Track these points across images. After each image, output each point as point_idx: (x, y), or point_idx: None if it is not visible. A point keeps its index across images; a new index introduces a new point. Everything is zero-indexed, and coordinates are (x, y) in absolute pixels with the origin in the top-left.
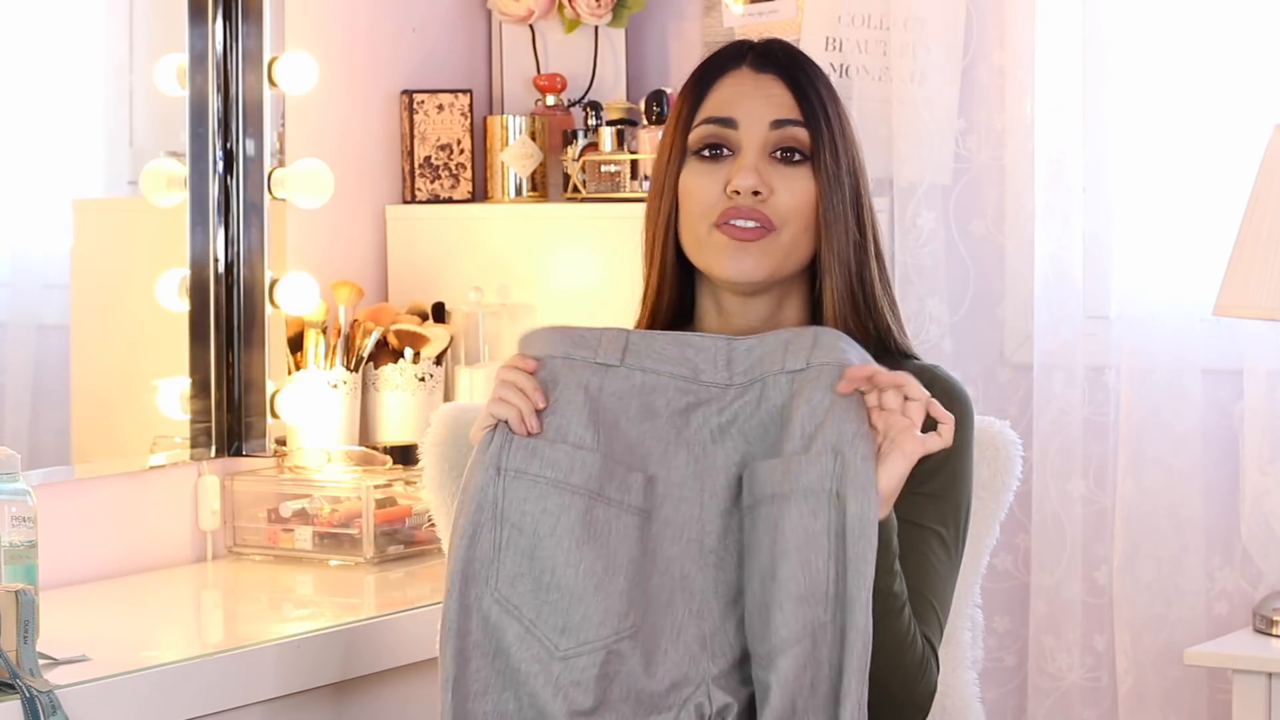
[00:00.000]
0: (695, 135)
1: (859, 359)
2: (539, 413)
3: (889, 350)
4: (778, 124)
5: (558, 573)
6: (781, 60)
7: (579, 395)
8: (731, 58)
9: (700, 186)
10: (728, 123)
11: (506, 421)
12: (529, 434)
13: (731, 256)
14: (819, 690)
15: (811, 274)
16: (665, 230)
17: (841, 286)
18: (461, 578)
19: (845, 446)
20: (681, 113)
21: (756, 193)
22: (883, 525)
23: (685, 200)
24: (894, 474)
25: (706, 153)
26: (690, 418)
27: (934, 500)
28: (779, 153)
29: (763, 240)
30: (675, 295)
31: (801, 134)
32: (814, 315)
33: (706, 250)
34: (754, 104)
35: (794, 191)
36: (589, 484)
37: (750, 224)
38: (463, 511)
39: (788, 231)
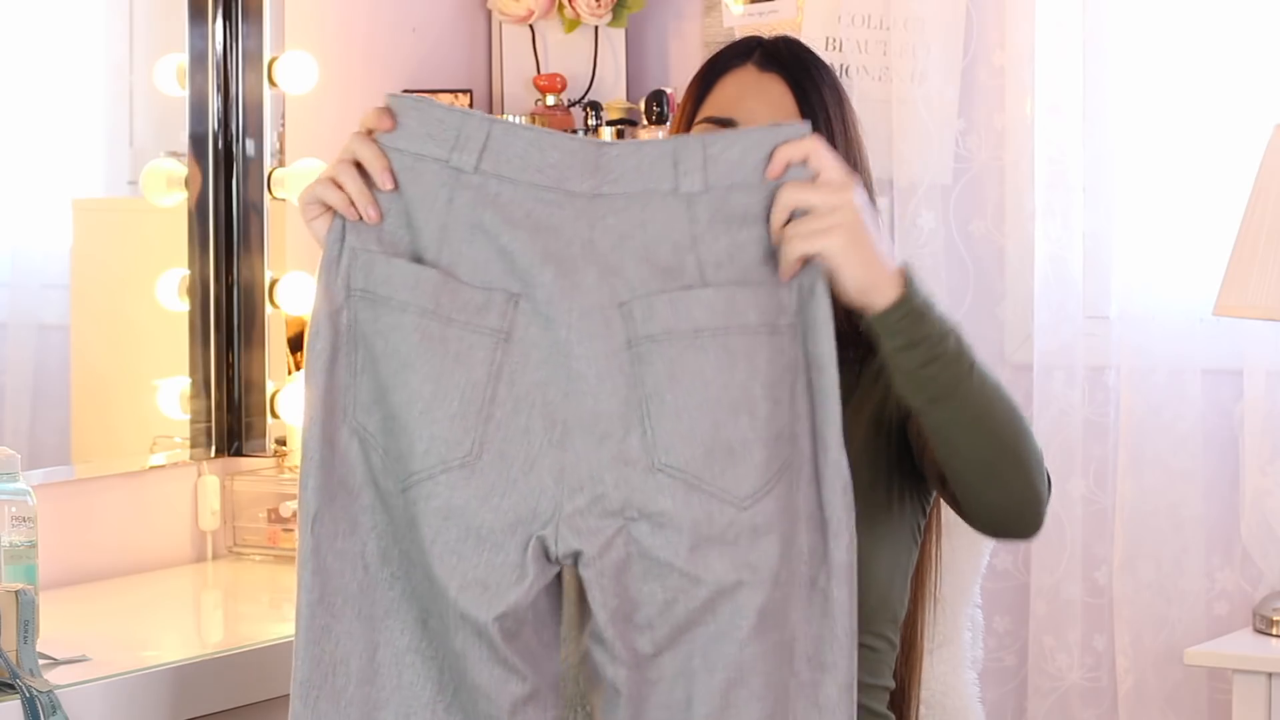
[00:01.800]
0: (696, 132)
1: (760, 154)
2: (382, 210)
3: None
4: None
5: (390, 397)
6: (786, 60)
7: (427, 204)
8: (738, 54)
9: None
10: (726, 123)
11: (340, 212)
12: (362, 219)
13: None
14: (799, 533)
15: None
16: None
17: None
18: (323, 407)
19: (798, 280)
20: (685, 108)
21: None
22: (906, 302)
23: None
24: (872, 259)
25: None
26: (559, 232)
27: None
28: None
29: None
30: None
31: None
32: None
33: None
34: (754, 105)
35: None
36: (422, 300)
37: None
38: (319, 334)
39: None
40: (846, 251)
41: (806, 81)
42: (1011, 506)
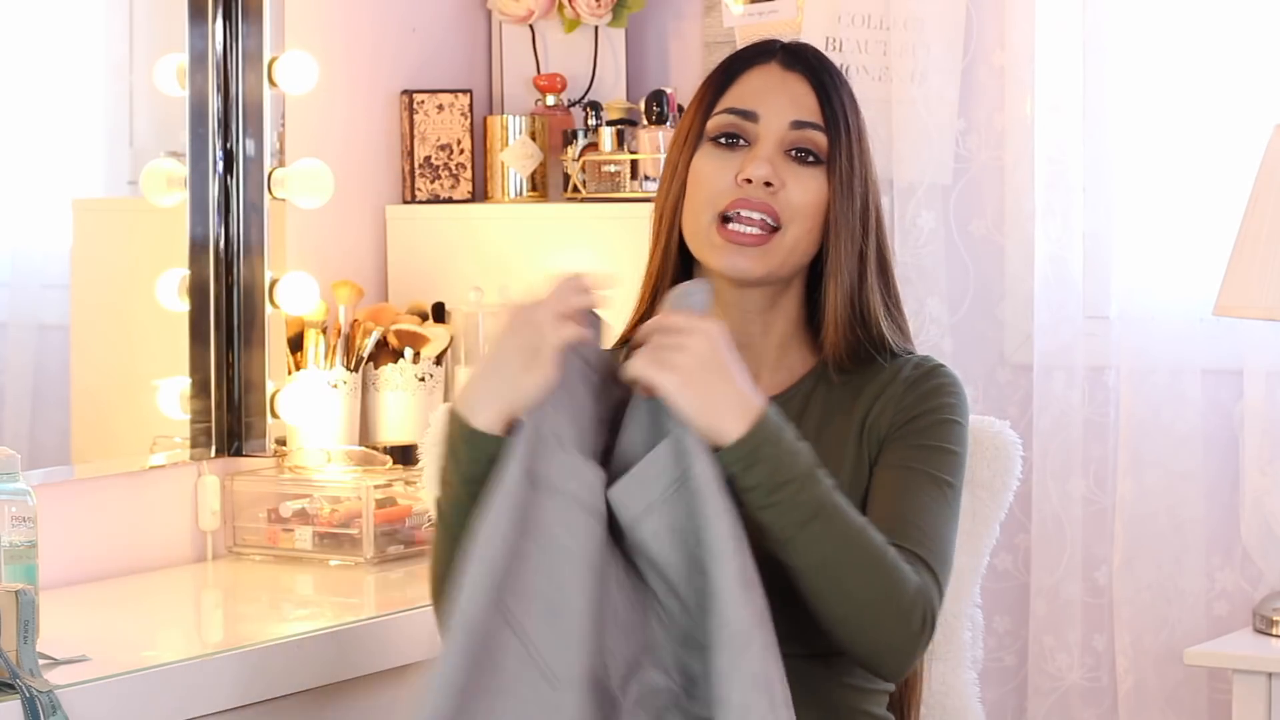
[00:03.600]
0: (714, 122)
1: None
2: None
3: (880, 354)
4: (798, 124)
5: (570, 599)
6: (811, 62)
7: (570, 396)
8: (761, 53)
9: (713, 172)
10: (749, 115)
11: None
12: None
13: (728, 254)
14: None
15: (810, 272)
16: (672, 214)
17: (844, 292)
18: (482, 577)
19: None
20: (704, 99)
21: (768, 184)
22: (741, 445)
23: (693, 185)
24: (709, 401)
25: (723, 140)
26: None
27: (930, 450)
28: (795, 152)
29: (765, 245)
30: (677, 279)
31: (820, 138)
32: (811, 314)
33: (704, 242)
34: (778, 100)
35: (805, 190)
36: (599, 505)
37: (755, 218)
38: (491, 507)
39: (792, 231)
40: (681, 390)
41: (829, 83)
42: (862, 651)
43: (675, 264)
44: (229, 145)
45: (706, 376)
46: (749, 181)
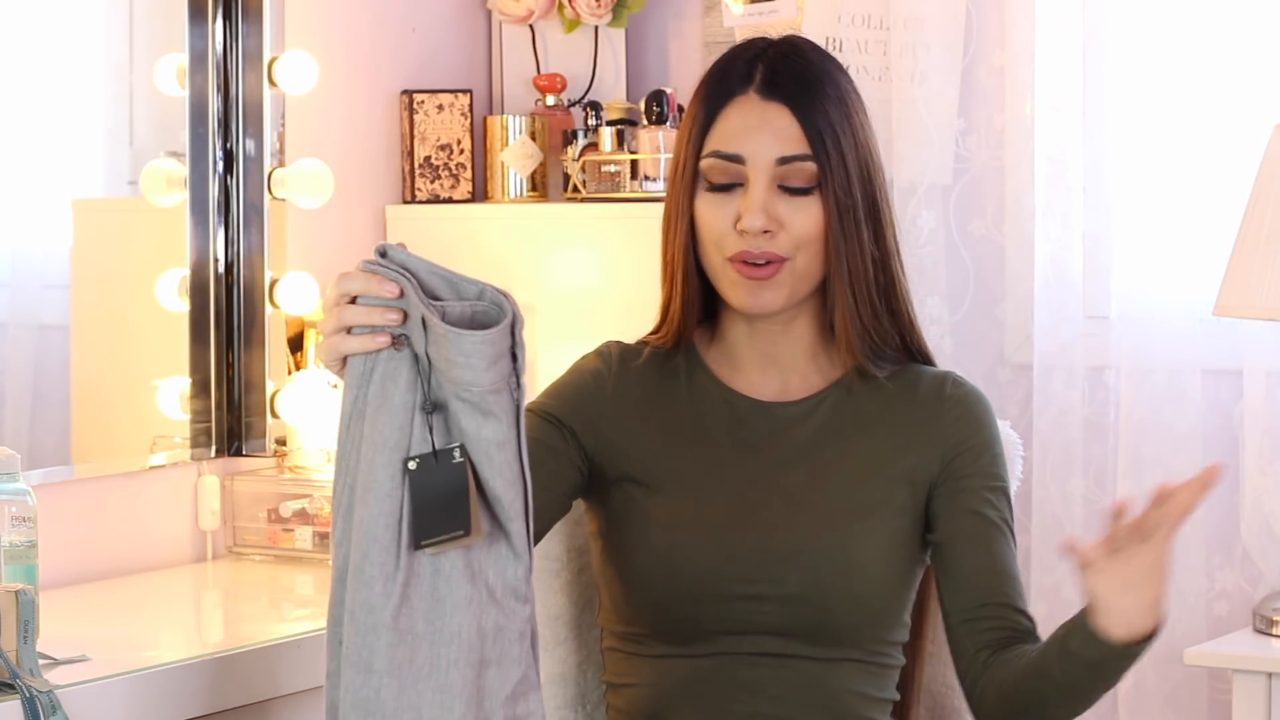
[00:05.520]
0: (705, 165)
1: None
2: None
3: (912, 353)
4: (785, 160)
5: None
6: (789, 88)
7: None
8: (740, 78)
9: (713, 220)
10: (735, 158)
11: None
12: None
13: (748, 292)
14: None
15: (824, 287)
16: (685, 254)
17: (856, 305)
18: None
19: None
20: (692, 132)
21: (766, 230)
22: (1123, 649)
23: (700, 228)
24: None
25: (717, 183)
26: None
27: (999, 493)
28: (787, 184)
29: (777, 275)
30: (702, 312)
31: (808, 167)
32: (827, 330)
33: (723, 282)
34: (761, 138)
35: (805, 220)
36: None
37: (762, 263)
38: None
39: (801, 258)
40: (1148, 579)
41: (808, 104)
42: None
43: (699, 300)
44: (229, 145)
45: (1161, 576)
46: (746, 232)
